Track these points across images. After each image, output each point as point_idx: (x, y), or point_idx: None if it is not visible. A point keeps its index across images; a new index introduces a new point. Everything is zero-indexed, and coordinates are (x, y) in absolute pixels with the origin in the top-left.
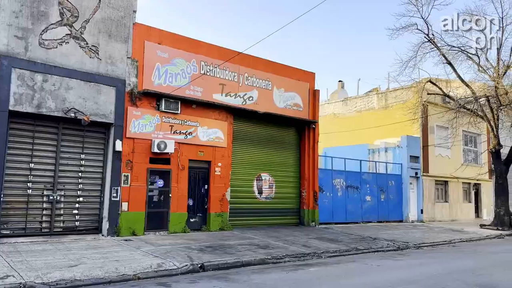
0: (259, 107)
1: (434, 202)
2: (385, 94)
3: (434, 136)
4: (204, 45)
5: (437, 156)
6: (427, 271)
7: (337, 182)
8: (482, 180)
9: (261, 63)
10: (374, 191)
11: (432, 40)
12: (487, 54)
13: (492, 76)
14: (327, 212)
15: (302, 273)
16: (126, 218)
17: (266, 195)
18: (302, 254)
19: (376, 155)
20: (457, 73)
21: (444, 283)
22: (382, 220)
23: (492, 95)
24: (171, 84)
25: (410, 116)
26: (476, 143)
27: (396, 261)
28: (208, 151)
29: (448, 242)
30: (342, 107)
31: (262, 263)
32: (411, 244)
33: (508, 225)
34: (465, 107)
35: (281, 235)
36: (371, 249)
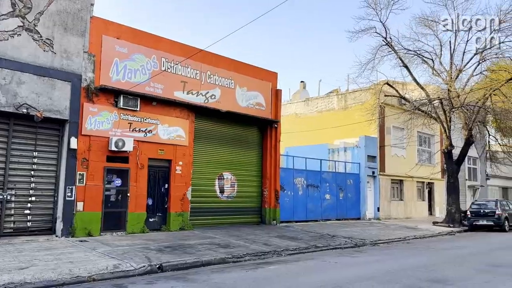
0: (222, 106)
1: (390, 200)
2: (345, 95)
3: (391, 136)
4: (165, 41)
5: (393, 156)
6: (382, 268)
7: (298, 181)
8: (435, 179)
9: (224, 61)
10: (334, 190)
11: (389, 44)
12: (441, 58)
13: (445, 80)
14: (288, 210)
15: (262, 271)
16: (82, 218)
17: (228, 194)
18: (263, 252)
19: (336, 154)
20: (413, 76)
21: (399, 279)
22: (341, 218)
23: (445, 97)
24: (130, 80)
25: (368, 117)
26: (430, 143)
27: (353, 258)
28: (168, 149)
29: (402, 239)
30: (304, 107)
31: (223, 262)
32: (368, 241)
33: (459, 222)
34: (420, 109)
35: (243, 234)
36: (330, 246)
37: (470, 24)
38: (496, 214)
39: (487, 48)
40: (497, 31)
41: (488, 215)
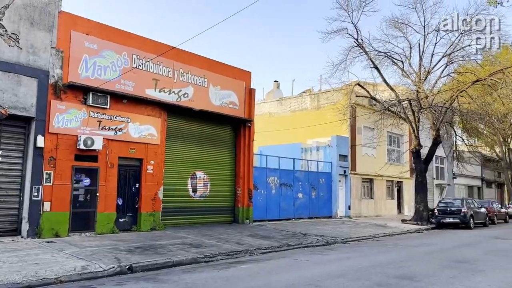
0: (195, 104)
1: (361, 199)
2: (318, 95)
3: (362, 136)
4: (136, 38)
5: (363, 155)
6: (353, 265)
7: (271, 180)
8: (404, 178)
9: (197, 59)
10: (306, 189)
11: (361, 45)
12: (410, 60)
13: (414, 81)
14: (261, 209)
15: (234, 270)
16: (49, 219)
17: (201, 193)
18: (235, 251)
19: (309, 153)
20: (383, 77)
21: (368, 276)
22: (313, 216)
23: (414, 98)
24: (99, 77)
25: (340, 116)
26: (399, 143)
27: (324, 255)
28: (140, 148)
29: (372, 236)
30: (277, 106)
31: (194, 262)
32: (339, 239)
33: (426, 220)
34: (390, 110)
35: (215, 234)
36: (302, 244)
37: (438, 27)
38: (462, 212)
39: (454, 51)
40: (463, 35)
41: (454, 213)
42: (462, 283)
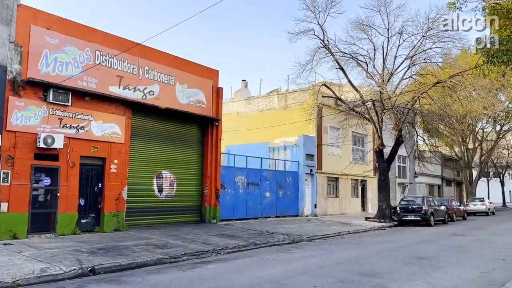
0: (161, 102)
1: (327, 197)
2: (285, 95)
3: (328, 136)
4: (99, 34)
5: (329, 155)
6: (317, 262)
7: (239, 179)
8: (368, 177)
9: (163, 57)
10: (273, 188)
11: (327, 46)
12: (375, 62)
13: (378, 82)
14: (229, 208)
15: (199, 271)
16: (6, 220)
17: (167, 193)
18: (201, 251)
19: (276, 153)
20: (348, 78)
21: (332, 273)
22: (280, 215)
23: (377, 99)
24: (61, 73)
25: (306, 116)
26: (363, 143)
27: (290, 254)
28: (103, 147)
29: (337, 234)
30: (245, 106)
31: (159, 263)
32: (305, 237)
33: (389, 217)
34: (354, 110)
35: (181, 234)
36: (268, 243)
37: (401, 30)
38: (423, 209)
39: (416, 53)
40: (425, 38)
41: (415, 210)
42: (422, 279)
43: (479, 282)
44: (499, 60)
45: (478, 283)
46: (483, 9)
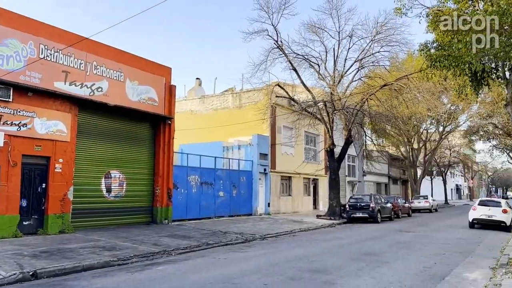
0: (110, 99)
1: (280, 196)
2: (239, 95)
3: (281, 135)
4: (44, 27)
5: (283, 154)
6: (269, 261)
7: (192, 179)
8: (320, 176)
9: (112, 52)
10: (227, 187)
11: (280, 47)
12: (326, 64)
13: (329, 84)
14: (181, 208)
15: (148, 272)
16: None
17: (116, 193)
18: (152, 253)
19: (230, 152)
20: (301, 79)
21: (283, 271)
22: (234, 214)
23: (329, 100)
24: (1, 67)
25: (260, 116)
26: (316, 142)
27: (242, 253)
28: (47, 145)
29: (289, 232)
30: (199, 104)
31: (107, 265)
32: (258, 236)
33: (339, 215)
34: (307, 110)
35: (131, 235)
36: (221, 243)
37: (351, 33)
38: (370, 207)
39: (365, 56)
40: (374, 42)
41: (363, 208)
42: (369, 274)
43: (422, 276)
44: (441, 64)
45: (421, 277)
46: (427, 15)
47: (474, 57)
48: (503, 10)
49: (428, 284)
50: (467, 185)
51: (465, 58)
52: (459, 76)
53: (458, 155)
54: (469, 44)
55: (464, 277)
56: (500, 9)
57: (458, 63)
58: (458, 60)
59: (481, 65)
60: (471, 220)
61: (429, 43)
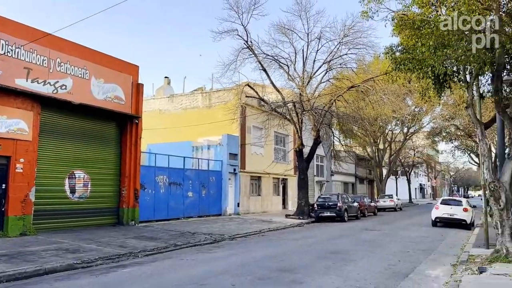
0: (74, 97)
1: (249, 196)
2: (209, 94)
3: (251, 135)
4: (4, 21)
5: (252, 154)
6: (237, 261)
7: (160, 179)
8: (289, 176)
9: (78, 49)
10: (196, 187)
11: (250, 47)
12: (295, 65)
13: (298, 85)
14: (149, 209)
15: (113, 275)
16: None
17: (80, 194)
18: (117, 255)
19: (200, 152)
20: (271, 79)
21: (251, 271)
22: (203, 214)
23: (298, 101)
24: None
25: (230, 116)
26: (285, 143)
27: (211, 253)
28: (7, 144)
29: (258, 232)
30: (168, 103)
31: (70, 268)
32: (227, 236)
33: (307, 214)
34: (276, 111)
35: (96, 237)
36: (190, 244)
37: (320, 35)
38: (338, 206)
39: (333, 58)
40: (341, 44)
41: (331, 207)
42: (335, 272)
43: (386, 273)
44: (405, 67)
45: (385, 274)
46: (393, 19)
47: (436, 61)
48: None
49: (392, 281)
50: (430, 184)
51: (428, 61)
52: (422, 79)
53: (421, 156)
54: (432, 48)
55: (427, 274)
56: (461, 14)
57: (421, 66)
58: (422, 63)
59: (443, 69)
60: (434, 218)
61: (394, 46)
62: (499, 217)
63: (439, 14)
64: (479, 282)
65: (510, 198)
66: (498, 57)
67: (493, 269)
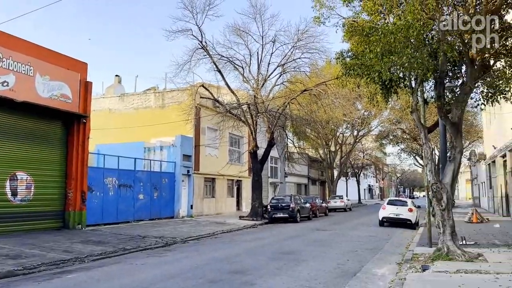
0: (16, 95)
1: (203, 198)
2: (162, 94)
3: (205, 136)
4: None
5: (207, 156)
6: (189, 264)
7: (109, 181)
8: (243, 177)
9: (21, 44)
10: (148, 189)
11: (205, 48)
12: (250, 67)
13: (253, 87)
14: (97, 213)
15: (58, 282)
16: None
17: (22, 197)
18: (62, 260)
19: (152, 153)
20: (225, 81)
21: (203, 274)
22: (155, 217)
23: (252, 103)
24: None
25: (184, 116)
26: (240, 144)
27: (162, 257)
28: None
29: (211, 234)
30: (119, 103)
31: (10, 275)
32: (179, 239)
33: (261, 215)
34: (231, 112)
35: (39, 242)
36: (140, 247)
37: (274, 39)
38: (291, 207)
39: (287, 62)
40: (295, 48)
41: (284, 208)
42: (287, 273)
43: (335, 272)
44: (354, 72)
45: (334, 274)
46: (343, 25)
47: (383, 67)
48: (409, 24)
49: (341, 280)
50: (378, 185)
51: (375, 67)
52: (370, 84)
53: (370, 158)
54: (380, 54)
55: (374, 272)
56: (407, 23)
57: (369, 72)
58: (370, 69)
59: (389, 75)
60: (381, 218)
61: (344, 52)
62: (441, 217)
63: (387, 22)
64: (422, 279)
65: (451, 199)
66: (441, 64)
67: (435, 266)
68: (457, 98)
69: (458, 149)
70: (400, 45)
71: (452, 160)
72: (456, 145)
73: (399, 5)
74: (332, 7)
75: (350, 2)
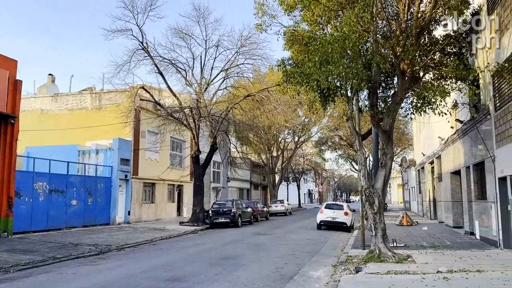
0: None
1: (142, 203)
2: (99, 95)
3: (145, 140)
4: None
5: (146, 160)
6: (123, 273)
7: (39, 186)
8: (185, 182)
9: None
10: (82, 195)
11: (146, 49)
12: (193, 71)
13: (196, 90)
14: (25, 219)
15: None
16: None
17: None
18: None
19: (87, 156)
20: (167, 83)
21: (138, 282)
22: (89, 224)
23: (195, 107)
24: None
25: (123, 119)
26: (182, 148)
27: (95, 266)
28: None
29: (150, 241)
30: (52, 103)
31: None
32: (114, 247)
33: (202, 221)
34: (173, 116)
35: None
36: (71, 256)
37: (217, 43)
38: (232, 212)
39: (231, 67)
40: (238, 53)
41: (225, 213)
42: (225, 278)
43: (273, 276)
44: (294, 80)
45: (272, 277)
46: (284, 34)
47: (321, 76)
48: (345, 35)
49: (279, 284)
50: (317, 190)
51: (314, 76)
52: (310, 92)
53: (310, 163)
54: (318, 63)
55: (310, 275)
56: (344, 34)
57: (308, 80)
58: (309, 78)
59: (327, 83)
60: (319, 222)
61: (285, 60)
62: (373, 220)
63: (325, 32)
64: (355, 281)
65: (383, 203)
66: (374, 75)
67: (367, 268)
68: (389, 108)
69: (389, 155)
70: (337, 55)
71: (383, 166)
72: (387, 152)
73: (336, 17)
74: (274, 15)
75: (291, 12)
